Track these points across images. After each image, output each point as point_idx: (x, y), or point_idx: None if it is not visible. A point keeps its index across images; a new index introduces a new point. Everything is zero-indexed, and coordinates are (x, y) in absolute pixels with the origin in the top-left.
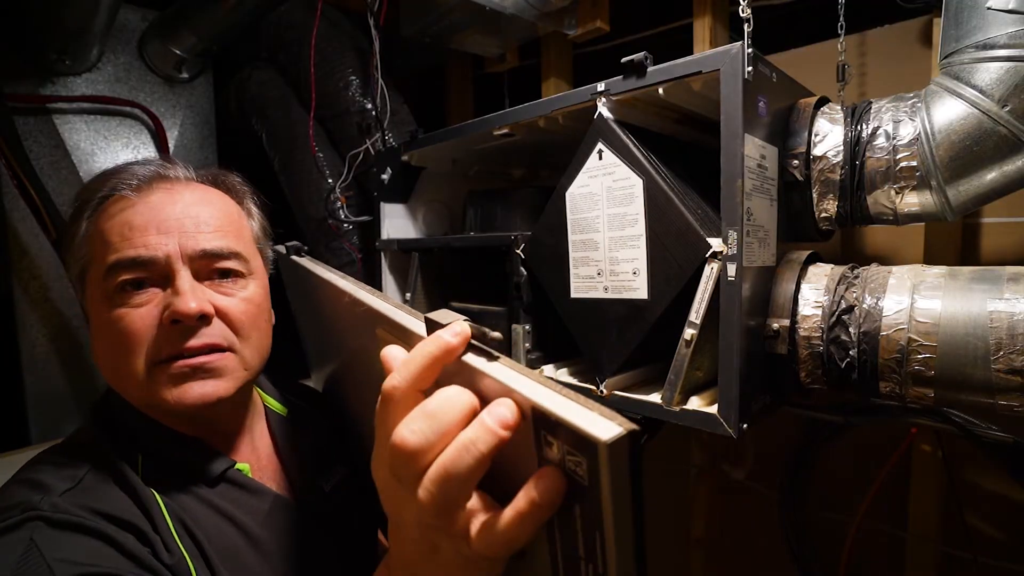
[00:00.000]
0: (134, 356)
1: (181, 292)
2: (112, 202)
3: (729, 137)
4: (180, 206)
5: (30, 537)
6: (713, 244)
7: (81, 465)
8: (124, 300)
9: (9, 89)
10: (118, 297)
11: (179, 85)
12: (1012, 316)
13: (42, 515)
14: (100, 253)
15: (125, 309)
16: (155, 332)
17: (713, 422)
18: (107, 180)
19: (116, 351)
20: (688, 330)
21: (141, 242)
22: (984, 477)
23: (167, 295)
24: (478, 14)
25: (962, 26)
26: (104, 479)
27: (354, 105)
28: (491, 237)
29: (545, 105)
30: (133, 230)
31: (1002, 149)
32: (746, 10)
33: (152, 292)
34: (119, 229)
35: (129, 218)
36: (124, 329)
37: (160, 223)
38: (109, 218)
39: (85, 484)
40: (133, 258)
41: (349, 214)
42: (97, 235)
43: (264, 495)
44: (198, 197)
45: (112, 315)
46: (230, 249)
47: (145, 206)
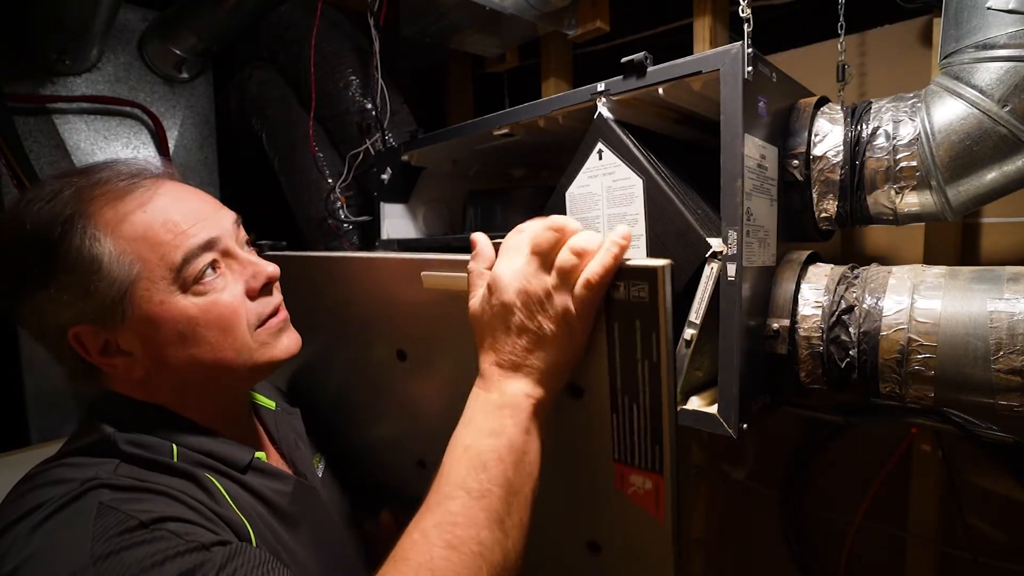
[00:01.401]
0: (239, 330)
1: (254, 261)
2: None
3: (729, 137)
4: (191, 194)
5: (98, 501)
6: (713, 244)
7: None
8: (208, 287)
9: (9, 89)
10: (198, 287)
11: (179, 85)
12: (1012, 316)
13: (104, 482)
14: (156, 255)
15: (215, 295)
16: (246, 304)
17: (713, 422)
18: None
19: (221, 334)
20: (688, 330)
21: (196, 229)
22: (984, 477)
23: (237, 269)
24: (478, 14)
25: (962, 26)
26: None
27: (354, 105)
28: (491, 237)
29: (545, 105)
30: (178, 223)
31: (1002, 149)
32: (746, 10)
33: (222, 272)
34: (163, 228)
35: (162, 214)
36: (225, 310)
37: (193, 212)
38: (136, 223)
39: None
40: (200, 244)
41: (349, 214)
42: (140, 242)
43: (287, 479)
44: (187, 186)
45: (199, 304)
46: (239, 217)
47: (164, 199)
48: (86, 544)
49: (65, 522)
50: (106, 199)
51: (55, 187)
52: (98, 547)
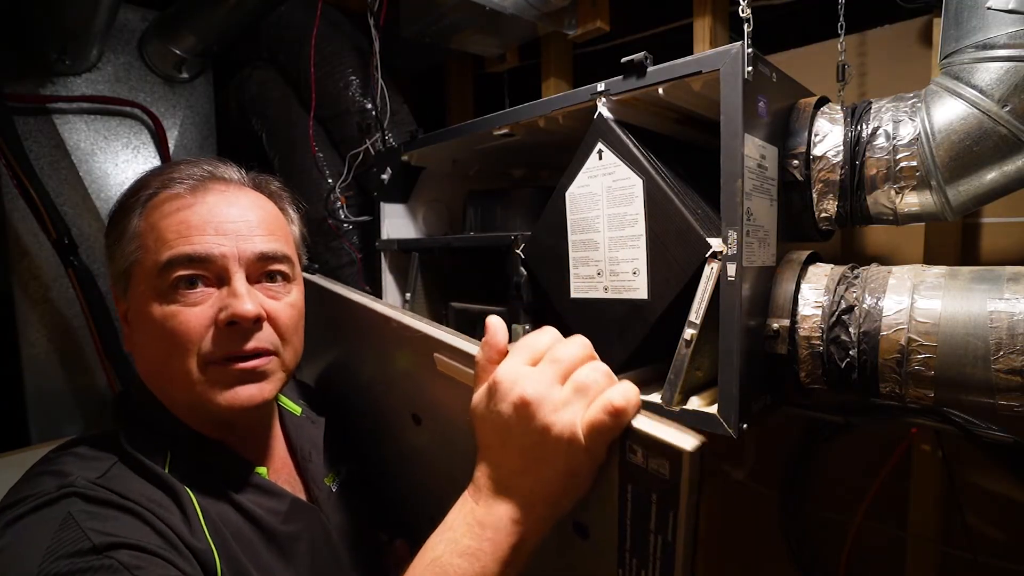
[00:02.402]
0: (186, 354)
1: (239, 294)
2: (165, 199)
3: (729, 137)
4: (236, 209)
5: (67, 511)
6: (713, 244)
7: (106, 458)
8: (178, 297)
9: (9, 89)
10: (172, 294)
11: (179, 85)
12: (1012, 316)
13: (78, 491)
14: (154, 249)
15: (179, 306)
16: (208, 332)
17: (713, 422)
18: (157, 177)
19: (167, 348)
20: (688, 330)
21: (199, 240)
22: (984, 477)
23: (222, 296)
24: (478, 14)
25: (962, 26)
26: (131, 472)
27: (354, 105)
28: (491, 237)
29: (545, 105)
30: (191, 228)
31: (1002, 149)
32: (746, 10)
33: (206, 292)
34: (175, 227)
35: (186, 216)
36: (178, 327)
37: (218, 224)
38: (164, 216)
39: (112, 474)
40: (190, 255)
41: (349, 214)
42: (150, 231)
43: (282, 498)
44: (251, 200)
45: (165, 311)
46: (282, 252)
47: (202, 206)
48: (38, 558)
49: (32, 526)
50: (165, 190)
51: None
52: (47, 565)
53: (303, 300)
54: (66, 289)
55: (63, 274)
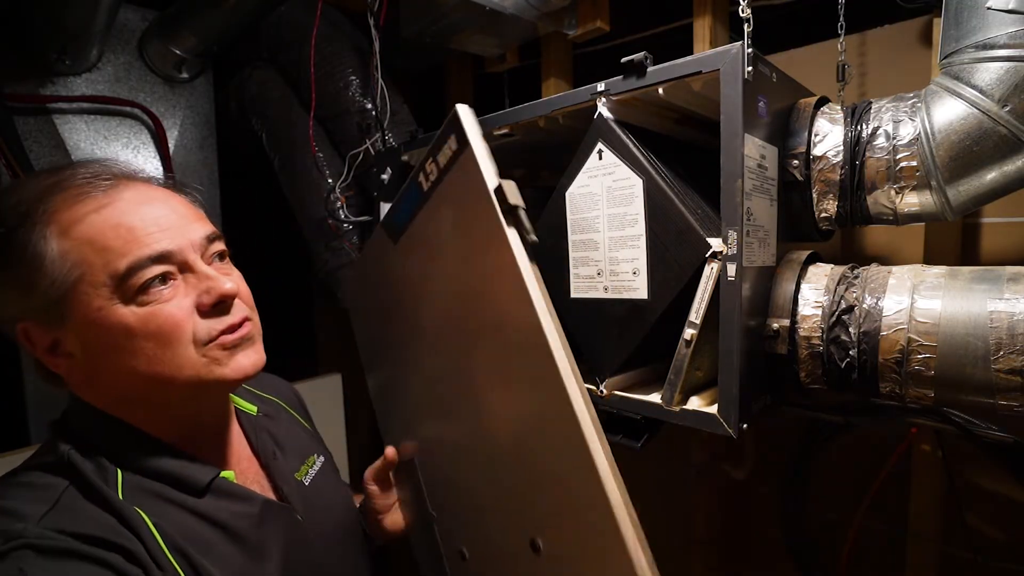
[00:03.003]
0: (180, 344)
1: (212, 276)
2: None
3: (729, 137)
4: (160, 204)
5: (19, 568)
6: (713, 244)
7: (55, 486)
8: (152, 298)
9: (9, 89)
10: (142, 297)
11: (179, 85)
12: (1012, 316)
13: (29, 543)
14: (102, 261)
15: (157, 306)
16: (193, 318)
17: (713, 422)
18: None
19: (158, 346)
20: (688, 330)
21: (151, 239)
22: (984, 477)
23: (193, 283)
24: (478, 14)
25: (962, 26)
26: (82, 499)
27: (354, 105)
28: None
29: (545, 105)
30: (134, 231)
31: (1002, 149)
32: (746, 10)
33: (175, 285)
34: (116, 233)
35: (120, 220)
36: (165, 322)
37: (155, 220)
38: (92, 226)
39: (63, 504)
40: (150, 255)
41: (349, 214)
42: (85, 245)
43: (252, 500)
44: (164, 193)
45: (141, 313)
46: (217, 232)
47: (129, 207)
48: None
49: None
50: (66, 198)
51: (23, 183)
52: None
53: None
54: None
55: None
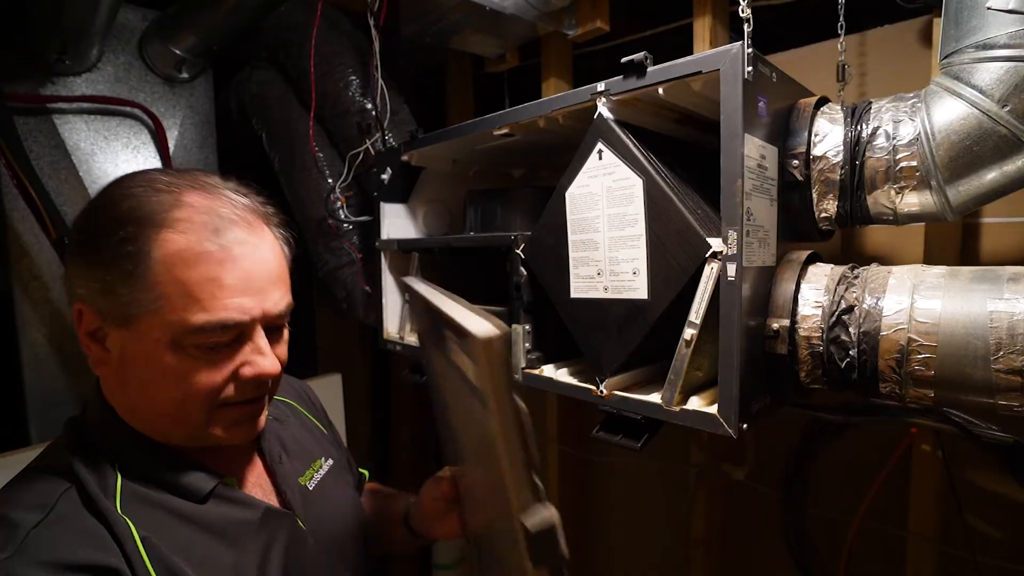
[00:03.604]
0: (198, 403)
1: (264, 352)
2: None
3: (729, 137)
4: (259, 262)
5: None
6: (713, 244)
7: (53, 492)
8: (203, 356)
9: (9, 89)
10: (197, 352)
11: (179, 85)
12: (1012, 316)
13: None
14: (182, 307)
15: (200, 363)
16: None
17: (713, 422)
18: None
19: (179, 396)
20: (688, 330)
21: (233, 305)
22: (984, 477)
23: (243, 352)
24: (478, 14)
25: (962, 26)
26: (76, 507)
27: (354, 105)
28: (491, 237)
29: (545, 105)
30: (223, 290)
31: (1002, 149)
32: (746, 10)
33: (229, 349)
34: (205, 286)
35: (216, 275)
36: (199, 382)
37: (246, 282)
38: (189, 268)
39: (56, 513)
40: (225, 322)
41: (349, 214)
42: (175, 284)
43: (254, 507)
44: (268, 246)
45: (184, 365)
46: (291, 306)
47: (230, 263)
48: None
49: None
50: (179, 233)
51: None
52: None
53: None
54: None
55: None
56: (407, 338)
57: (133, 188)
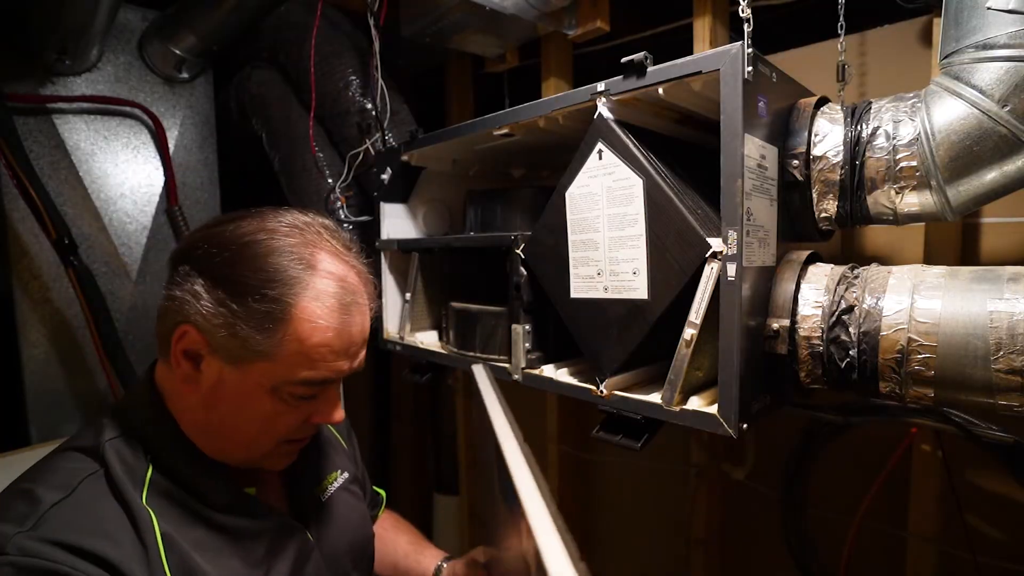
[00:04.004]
0: (272, 439)
1: (335, 404)
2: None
3: (729, 137)
4: (361, 332)
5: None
6: (713, 244)
7: (78, 473)
8: (293, 403)
9: (9, 89)
10: (290, 399)
11: (179, 85)
12: (1012, 316)
13: (10, 559)
14: (293, 362)
15: (287, 407)
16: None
17: (713, 422)
18: (311, 280)
19: (256, 429)
20: (688, 330)
21: (334, 367)
22: (984, 477)
23: (319, 400)
24: (478, 14)
25: (962, 26)
26: (97, 492)
27: (354, 105)
28: (491, 237)
29: (545, 105)
30: (331, 354)
31: (1002, 149)
32: (746, 10)
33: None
34: (320, 351)
35: (330, 342)
36: (282, 424)
37: (347, 348)
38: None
39: (77, 495)
40: (325, 379)
41: (349, 214)
42: (295, 342)
43: (267, 518)
44: (367, 315)
45: (275, 407)
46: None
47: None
48: None
49: None
50: (321, 298)
51: (310, 238)
52: None
53: None
54: (66, 289)
55: (63, 274)
56: (407, 338)
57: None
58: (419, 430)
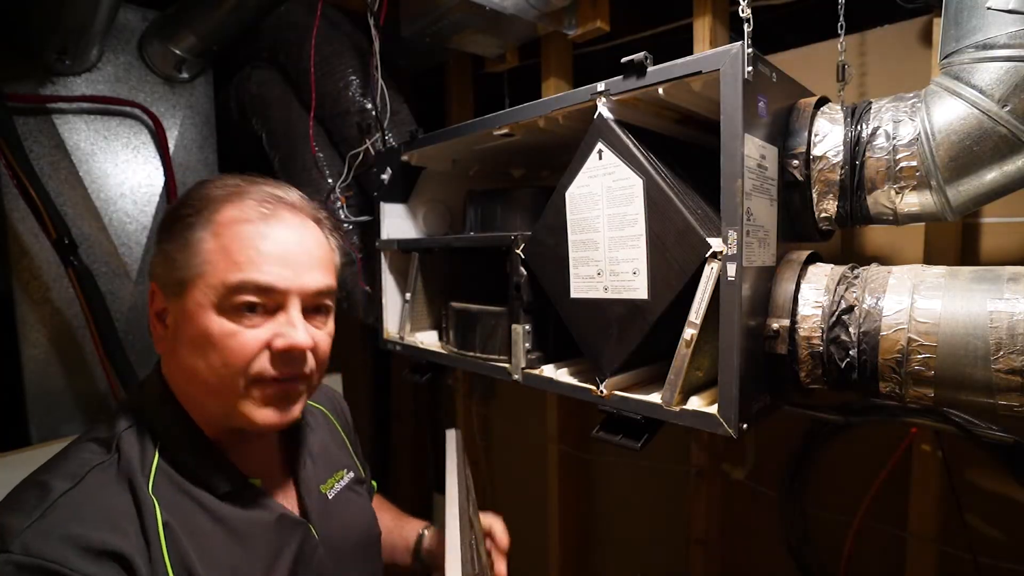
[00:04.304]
0: (236, 371)
1: (295, 325)
2: (236, 222)
3: (729, 137)
4: (301, 243)
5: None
6: (713, 244)
7: (87, 462)
8: (238, 318)
9: (9, 89)
10: (233, 314)
11: (179, 85)
12: (1012, 316)
13: (12, 558)
14: (224, 268)
15: (238, 327)
16: (261, 353)
17: (713, 422)
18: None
19: (218, 361)
20: (688, 330)
21: (268, 270)
22: (984, 477)
23: (278, 323)
24: (478, 14)
25: (962, 26)
26: (105, 481)
27: (354, 105)
28: (491, 237)
29: (545, 105)
30: (261, 256)
31: (1002, 149)
32: (746, 10)
33: (262, 317)
34: (247, 252)
35: (258, 244)
36: (234, 345)
37: (285, 255)
38: (235, 238)
39: (85, 485)
40: (258, 283)
41: (349, 214)
42: (221, 251)
43: (271, 511)
44: (312, 235)
45: (224, 327)
46: (331, 287)
47: (273, 236)
48: None
49: None
50: (232, 209)
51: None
52: None
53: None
54: (66, 289)
55: (63, 274)
56: (407, 338)
57: (208, 181)
58: (419, 430)
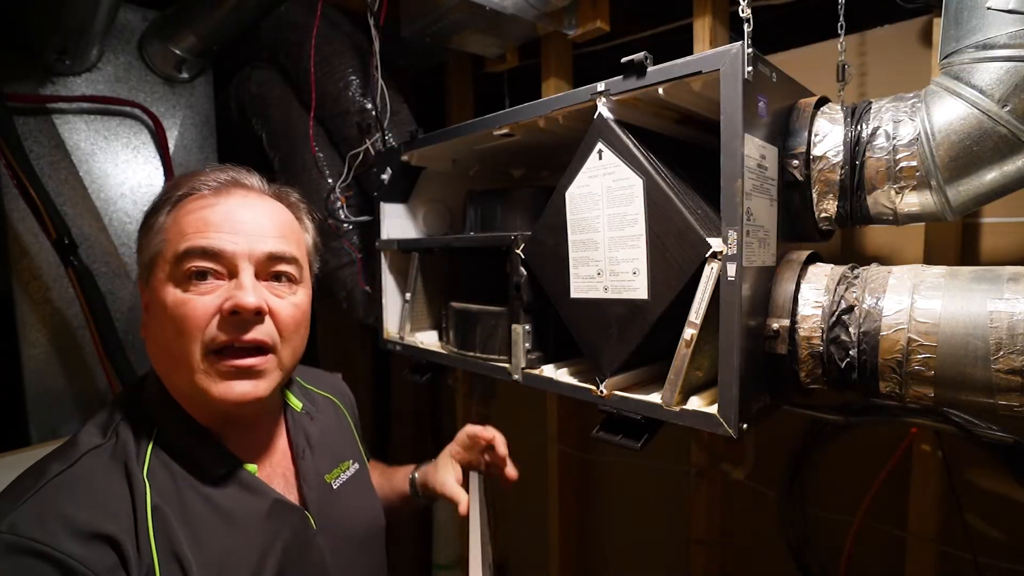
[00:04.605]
0: (191, 339)
1: (244, 287)
2: (191, 199)
3: (729, 137)
4: (252, 212)
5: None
6: (713, 244)
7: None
8: (189, 287)
9: (9, 89)
10: (185, 283)
11: (179, 85)
12: (1012, 316)
13: (3, 538)
14: (174, 240)
15: (189, 295)
16: (213, 320)
17: (713, 422)
18: (187, 180)
19: (175, 331)
20: (688, 330)
21: (215, 236)
22: (984, 477)
23: (229, 287)
24: (478, 14)
25: (962, 26)
26: (98, 465)
27: (354, 105)
28: (491, 237)
29: (545, 105)
30: (208, 225)
31: (1002, 149)
32: (746, 10)
33: (215, 283)
34: (195, 223)
35: (206, 215)
36: (186, 313)
37: (234, 223)
38: (187, 212)
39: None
40: (204, 248)
41: (349, 214)
42: (174, 225)
43: (264, 496)
44: (268, 206)
45: (177, 297)
46: (290, 254)
47: (222, 207)
48: None
49: None
50: (190, 190)
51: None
52: None
53: (309, 304)
54: (66, 289)
55: (63, 274)
56: (407, 338)
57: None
58: (419, 430)
